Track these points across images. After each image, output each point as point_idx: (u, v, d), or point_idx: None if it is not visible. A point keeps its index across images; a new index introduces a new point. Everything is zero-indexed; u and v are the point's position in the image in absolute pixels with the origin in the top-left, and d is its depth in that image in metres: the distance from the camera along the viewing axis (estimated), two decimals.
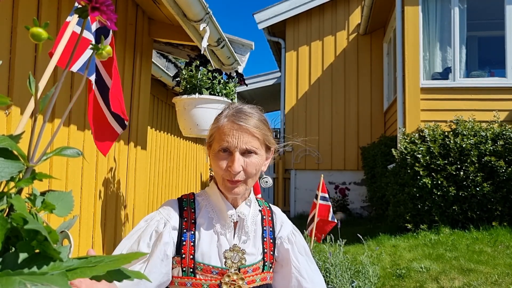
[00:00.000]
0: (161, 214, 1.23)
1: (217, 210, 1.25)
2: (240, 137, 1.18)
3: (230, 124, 1.20)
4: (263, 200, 1.41)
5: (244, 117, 1.21)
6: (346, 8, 9.83)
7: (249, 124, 1.20)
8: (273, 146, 1.29)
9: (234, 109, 1.24)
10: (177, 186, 5.61)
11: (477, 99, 6.22)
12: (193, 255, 1.19)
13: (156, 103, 4.86)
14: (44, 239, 0.43)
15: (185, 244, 1.19)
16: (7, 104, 0.47)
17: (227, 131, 1.19)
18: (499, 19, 6.48)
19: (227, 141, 1.18)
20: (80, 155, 0.53)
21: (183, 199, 1.28)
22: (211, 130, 1.26)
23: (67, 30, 1.03)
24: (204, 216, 1.24)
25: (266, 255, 1.28)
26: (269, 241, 1.30)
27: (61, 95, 2.06)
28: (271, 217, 1.35)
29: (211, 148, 1.24)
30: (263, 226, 1.31)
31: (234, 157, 1.18)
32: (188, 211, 1.25)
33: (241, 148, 1.18)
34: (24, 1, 1.76)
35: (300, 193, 9.63)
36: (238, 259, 1.21)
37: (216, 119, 1.26)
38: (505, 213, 5.54)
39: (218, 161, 1.20)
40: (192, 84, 2.47)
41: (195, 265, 1.18)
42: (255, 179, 1.26)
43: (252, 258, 1.24)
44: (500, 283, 4.04)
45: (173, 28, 3.03)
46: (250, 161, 1.20)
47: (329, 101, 9.69)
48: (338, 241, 4.31)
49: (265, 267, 1.27)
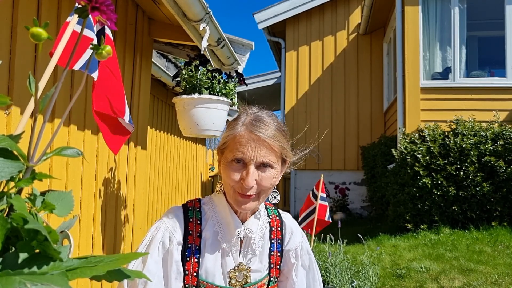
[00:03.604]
0: (166, 224, 1.16)
1: (224, 224, 1.18)
2: (257, 149, 1.10)
3: (248, 134, 1.11)
4: (272, 207, 1.33)
5: (263, 127, 1.12)
6: (346, 8, 9.84)
7: (268, 136, 1.11)
8: (289, 159, 1.20)
9: (252, 117, 1.15)
10: (177, 186, 5.61)
11: (477, 99, 6.23)
12: (196, 272, 1.13)
13: (156, 103, 4.86)
14: (44, 239, 0.43)
15: (189, 260, 1.14)
16: (7, 104, 0.47)
17: (243, 141, 1.11)
18: (499, 19, 6.49)
19: (242, 152, 1.10)
20: (80, 155, 0.53)
21: (189, 208, 1.21)
22: (225, 137, 1.17)
23: (67, 29, 1.03)
24: (209, 229, 1.17)
25: (272, 270, 1.23)
26: (276, 254, 1.25)
27: (61, 95, 2.06)
28: (281, 227, 1.29)
29: (223, 156, 1.16)
30: (271, 239, 1.25)
31: (248, 170, 1.09)
32: (194, 222, 1.17)
33: (257, 161, 1.10)
34: (24, 1, 1.76)
35: (300, 193, 9.63)
36: (243, 277, 1.16)
37: (231, 126, 1.17)
38: (505, 213, 5.54)
39: (231, 171, 1.11)
40: (192, 84, 2.47)
41: (198, 283, 1.13)
42: (268, 193, 1.17)
43: (257, 275, 1.20)
44: (500, 283, 4.04)
45: (173, 28, 3.03)
46: (265, 175, 1.11)
47: (329, 101, 9.69)
48: (338, 241, 4.31)
49: (270, 282, 1.23)
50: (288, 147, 1.19)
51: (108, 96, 1.85)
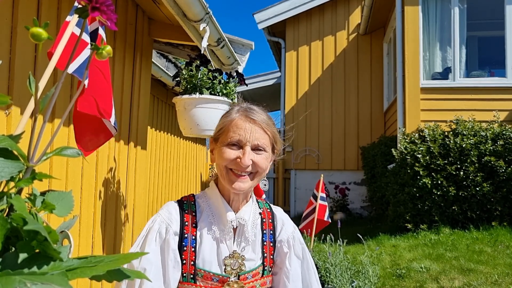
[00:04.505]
0: (162, 216, 1.22)
1: (217, 215, 1.23)
2: (253, 132, 1.18)
3: (244, 117, 1.20)
4: (264, 201, 1.39)
5: (256, 113, 1.22)
6: (346, 8, 9.84)
7: (262, 120, 1.21)
8: (278, 146, 1.28)
9: (245, 106, 1.25)
10: (177, 186, 5.61)
11: (477, 99, 6.23)
12: (194, 261, 1.18)
13: (156, 103, 4.86)
14: (44, 239, 0.43)
15: (186, 249, 1.18)
16: (7, 103, 0.47)
17: (240, 124, 1.19)
18: (499, 19, 6.48)
19: (239, 134, 1.17)
20: (80, 155, 0.53)
21: (184, 202, 1.26)
22: (220, 124, 1.25)
23: (67, 31, 1.02)
24: (204, 220, 1.22)
25: (266, 259, 1.27)
26: (269, 244, 1.29)
27: (61, 95, 2.06)
28: (272, 219, 1.33)
29: (218, 141, 1.23)
30: (263, 229, 1.29)
31: (245, 150, 1.17)
32: (189, 214, 1.23)
33: (253, 143, 1.18)
34: (24, 1, 1.76)
35: (300, 193, 9.63)
36: (238, 266, 1.20)
37: (226, 115, 1.25)
38: (505, 213, 5.54)
39: (226, 152, 1.18)
40: (192, 84, 2.47)
41: (195, 271, 1.17)
42: (261, 177, 1.25)
43: (251, 264, 1.23)
44: (500, 283, 4.04)
45: (173, 28, 3.03)
46: (260, 157, 1.19)
47: (329, 101, 9.69)
48: (338, 241, 4.31)
49: (264, 271, 1.26)
50: (278, 134, 1.28)
51: (95, 97, 1.82)
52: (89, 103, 1.80)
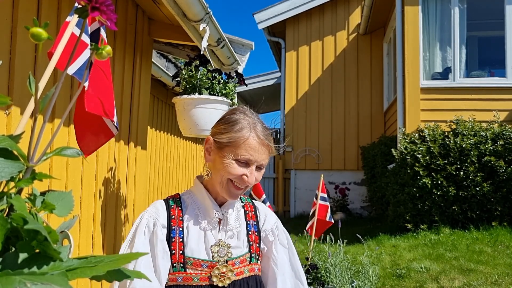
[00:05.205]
0: (149, 212, 1.29)
1: (203, 208, 1.31)
2: (261, 153, 1.26)
3: (258, 139, 1.26)
4: (245, 197, 1.47)
5: (267, 134, 1.30)
6: (346, 8, 9.83)
7: (270, 141, 1.29)
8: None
9: (259, 123, 1.30)
10: (177, 186, 5.61)
11: (477, 99, 6.23)
12: (182, 250, 1.24)
13: (156, 103, 4.86)
14: (44, 239, 0.43)
15: (174, 240, 1.25)
16: (7, 104, 0.47)
17: (253, 145, 1.25)
18: (499, 19, 6.48)
19: (251, 154, 1.24)
20: (80, 155, 0.53)
21: (170, 199, 1.34)
22: (231, 136, 1.27)
23: (67, 31, 1.02)
24: (190, 213, 1.30)
25: (252, 247, 1.34)
26: (254, 234, 1.36)
27: (61, 95, 2.06)
28: (255, 211, 1.42)
29: (224, 150, 1.27)
30: (247, 220, 1.38)
31: (252, 170, 1.25)
32: (175, 208, 1.30)
33: (259, 163, 1.27)
34: (24, 1, 1.76)
35: (300, 193, 9.63)
36: (224, 253, 1.27)
37: (235, 126, 1.27)
38: (505, 213, 5.54)
39: (234, 168, 1.24)
40: (191, 84, 2.47)
41: (185, 260, 1.24)
42: None
43: (238, 251, 1.30)
44: (500, 283, 4.04)
45: (173, 28, 3.03)
46: (258, 174, 1.29)
47: (329, 101, 9.69)
48: (338, 241, 4.31)
49: (252, 258, 1.33)
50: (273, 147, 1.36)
51: (100, 97, 1.82)
52: (96, 103, 1.80)
